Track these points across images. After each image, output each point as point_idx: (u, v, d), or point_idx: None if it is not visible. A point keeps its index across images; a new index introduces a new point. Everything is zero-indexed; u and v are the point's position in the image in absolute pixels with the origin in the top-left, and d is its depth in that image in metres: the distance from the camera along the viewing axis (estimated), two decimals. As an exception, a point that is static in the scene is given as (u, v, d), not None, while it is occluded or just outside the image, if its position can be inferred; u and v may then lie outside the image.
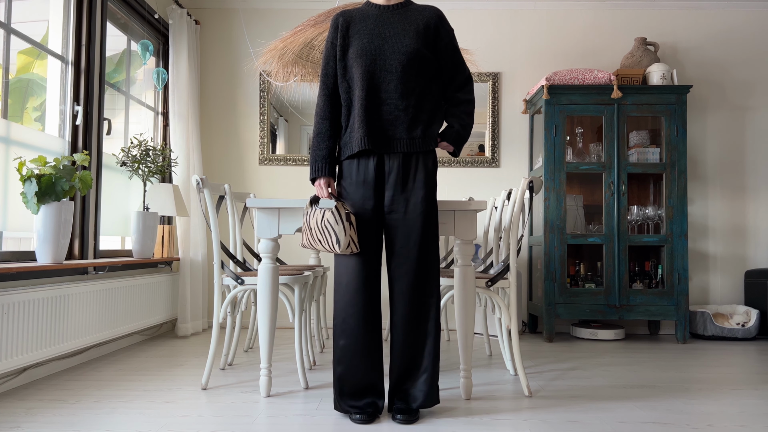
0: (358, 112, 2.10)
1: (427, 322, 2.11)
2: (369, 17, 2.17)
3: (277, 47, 3.13)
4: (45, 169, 2.54)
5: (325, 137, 2.16)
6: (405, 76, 2.09)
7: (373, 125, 2.09)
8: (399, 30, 2.13)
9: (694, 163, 4.37)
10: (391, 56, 2.10)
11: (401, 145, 2.09)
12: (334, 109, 2.18)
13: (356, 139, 2.09)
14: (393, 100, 2.10)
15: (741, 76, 4.39)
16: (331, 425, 2.03)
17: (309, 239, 2.11)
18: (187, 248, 3.91)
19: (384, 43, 2.11)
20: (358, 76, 2.10)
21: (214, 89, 4.44)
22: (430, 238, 2.11)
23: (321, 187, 2.16)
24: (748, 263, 4.32)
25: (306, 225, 2.12)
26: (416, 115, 2.11)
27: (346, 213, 2.05)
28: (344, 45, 2.15)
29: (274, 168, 4.41)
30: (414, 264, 2.08)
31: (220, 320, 2.54)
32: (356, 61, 2.11)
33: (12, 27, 2.71)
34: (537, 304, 4.10)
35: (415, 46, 2.10)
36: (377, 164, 2.11)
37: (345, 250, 2.04)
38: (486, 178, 4.38)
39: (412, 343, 2.11)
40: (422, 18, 2.16)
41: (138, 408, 2.21)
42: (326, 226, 2.04)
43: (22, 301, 2.40)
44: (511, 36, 4.44)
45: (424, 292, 2.10)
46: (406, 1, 2.21)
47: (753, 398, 2.44)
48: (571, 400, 2.39)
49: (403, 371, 2.13)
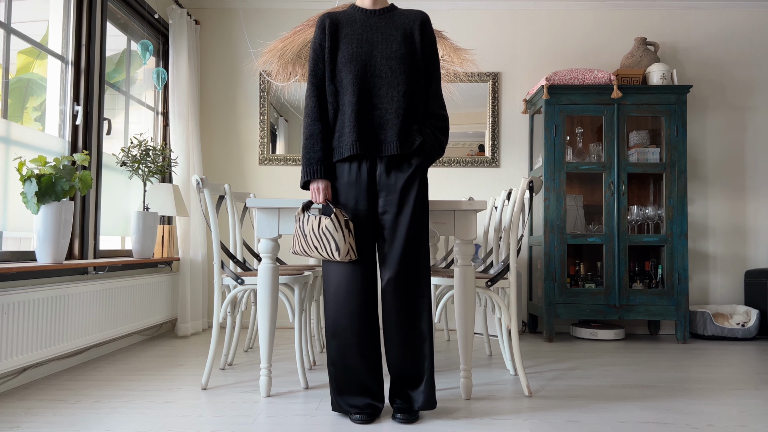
0: (349, 116, 2.09)
1: (420, 323, 2.10)
2: (356, 21, 2.17)
3: (277, 47, 3.13)
4: (45, 169, 2.54)
5: (318, 139, 2.12)
6: (395, 80, 2.09)
7: (364, 130, 2.09)
8: (386, 35, 2.13)
9: (694, 163, 4.37)
10: (381, 62, 2.10)
11: (392, 148, 2.08)
12: (325, 110, 2.16)
13: (347, 143, 2.09)
14: (384, 104, 2.10)
15: (741, 75, 4.39)
16: (331, 425, 2.03)
17: (303, 246, 2.08)
18: (187, 248, 3.91)
19: (373, 49, 2.11)
20: (349, 81, 2.10)
21: (214, 89, 4.44)
22: (423, 238, 2.11)
23: (318, 191, 2.12)
24: (748, 263, 4.32)
25: (299, 232, 2.09)
26: (406, 118, 2.10)
27: (345, 220, 2.04)
28: (333, 48, 2.14)
29: (274, 168, 4.41)
30: (406, 264, 2.07)
31: (220, 320, 2.54)
32: (346, 66, 2.10)
33: (12, 27, 2.71)
34: (537, 304, 4.10)
35: (403, 51, 2.11)
36: (369, 167, 2.11)
37: (344, 257, 2.02)
38: (486, 178, 4.38)
39: (408, 345, 2.10)
40: (408, 22, 2.17)
41: (138, 408, 2.21)
42: (324, 233, 2.02)
43: (22, 301, 2.40)
44: (511, 36, 4.44)
45: (417, 293, 2.09)
46: (391, 6, 2.23)
47: (753, 398, 2.44)
48: (571, 400, 2.39)
49: (401, 375, 2.12)
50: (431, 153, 2.13)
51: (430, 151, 2.12)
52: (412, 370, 2.10)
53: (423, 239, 2.11)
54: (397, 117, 2.09)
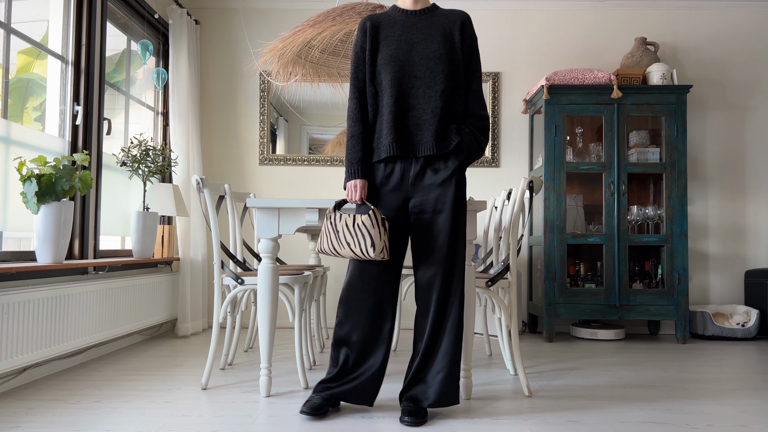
0: (387, 118, 2.11)
1: (452, 320, 2.11)
2: (396, 23, 2.18)
3: (277, 47, 3.13)
4: (45, 169, 2.54)
5: (359, 140, 2.15)
6: (433, 80, 2.11)
7: (401, 131, 2.11)
8: (426, 35, 2.14)
9: (694, 163, 4.37)
10: (419, 62, 2.11)
11: (428, 148, 2.10)
12: (365, 112, 2.18)
13: (384, 145, 2.11)
14: (421, 104, 2.11)
15: (741, 76, 4.39)
16: (331, 425, 2.03)
17: (333, 244, 2.08)
18: (187, 248, 3.91)
19: (412, 49, 2.12)
20: (387, 83, 2.12)
21: (214, 89, 4.44)
22: (460, 237, 2.13)
23: (355, 190, 2.13)
24: (748, 263, 4.32)
25: (331, 228, 2.09)
26: (443, 118, 2.11)
27: (382, 218, 2.05)
28: (373, 50, 2.16)
29: (274, 168, 4.41)
30: (441, 263, 2.10)
31: (220, 320, 2.54)
32: (385, 68, 2.12)
33: (12, 27, 2.71)
34: (537, 304, 4.10)
35: (442, 51, 2.12)
36: (405, 168, 2.13)
37: (379, 254, 2.03)
38: (486, 178, 4.39)
39: (432, 342, 2.12)
40: (448, 22, 2.17)
41: (138, 408, 2.21)
42: (360, 230, 2.03)
43: (22, 301, 2.40)
44: (511, 36, 4.44)
45: (449, 291, 2.11)
46: (432, 6, 2.23)
47: (753, 398, 2.44)
48: (571, 400, 2.39)
49: (418, 368, 2.13)
50: (470, 153, 2.14)
51: (468, 150, 2.13)
52: (436, 365, 2.11)
53: (461, 239, 2.13)
54: (433, 117, 2.10)
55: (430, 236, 2.11)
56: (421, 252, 2.14)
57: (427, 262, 2.12)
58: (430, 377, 2.11)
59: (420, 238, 2.13)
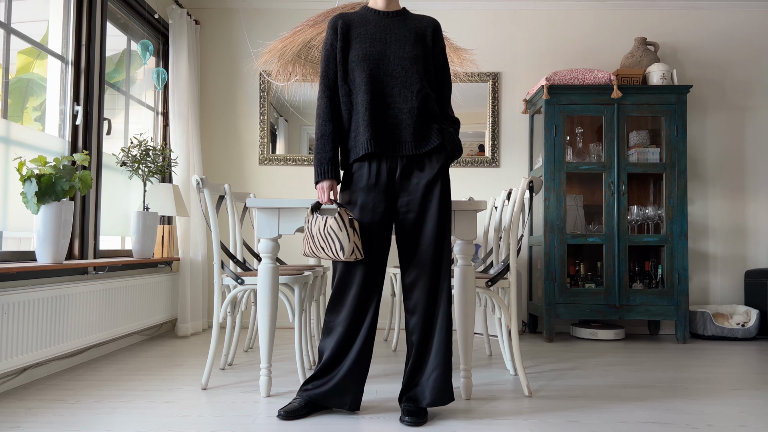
0: (363, 116, 2.10)
1: (441, 320, 2.11)
2: (369, 22, 2.18)
3: (277, 47, 3.13)
4: (45, 169, 2.54)
5: (329, 139, 2.14)
6: (408, 80, 2.11)
7: (379, 129, 2.10)
8: (400, 36, 2.16)
9: (694, 163, 4.37)
10: (394, 61, 2.12)
11: (408, 148, 2.10)
12: (336, 111, 2.17)
13: (362, 142, 2.10)
14: (398, 104, 2.11)
15: (741, 76, 4.39)
16: (331, 425, 2.03)
17: (311, 247, 2.10)
18: (187, 248, 3.91)
19: (386, 48, 2.13)
20: (362, 80, 2.11)
21: (214, 89, 4.44)
22: (446, 236, 2.13)
23: (323, 191, 2.14)
24: (748, 263, 4.32)
25: (308, 233, 2.11)
26: (420, 119, 2.12)
27: (350, 219, 2.04)
28: (345, 48, 2.16)
29: (274, 168, 4.41)
30: (429, 264, 2.10)
31: (220, 320, 2.54)
32: (359, 65, 2.11)
33: (12, 27, 2.71)
34: (537, 304, 4.10)
35: (416, 53, 2.14)
36: (389, 168, 2.12)
37: (349, 256, 2.03)
38: (486, 178, 4.38)
39: (423, 344, 2.12)
40: (421, 26, 2.21)
41: (138, 408, 2.21)
42: (329, 233, 2.03)
43: (22, 301, 2.40)
44: (511, 36, 4.44)
45: (438, 291, 2.12)
46: (403, 9, 2.25)
47: (753, 398, 2.44)
48: (571, 400, 2.39)
49: (413, 369, 2.14)
50: (453, 153, 2.15)
51: (452, 150, 2.14)
52: (421, 359, 2.12)
53: (446, 239, 2.13)
54: (411, 117, 2.11)
55: (417, 236, 2.11)
56: (407, 251, 2.14)
57: (413, 262, 2.12)
58: (424, 379, 2.12)
59: (406, 238, 2.13)
